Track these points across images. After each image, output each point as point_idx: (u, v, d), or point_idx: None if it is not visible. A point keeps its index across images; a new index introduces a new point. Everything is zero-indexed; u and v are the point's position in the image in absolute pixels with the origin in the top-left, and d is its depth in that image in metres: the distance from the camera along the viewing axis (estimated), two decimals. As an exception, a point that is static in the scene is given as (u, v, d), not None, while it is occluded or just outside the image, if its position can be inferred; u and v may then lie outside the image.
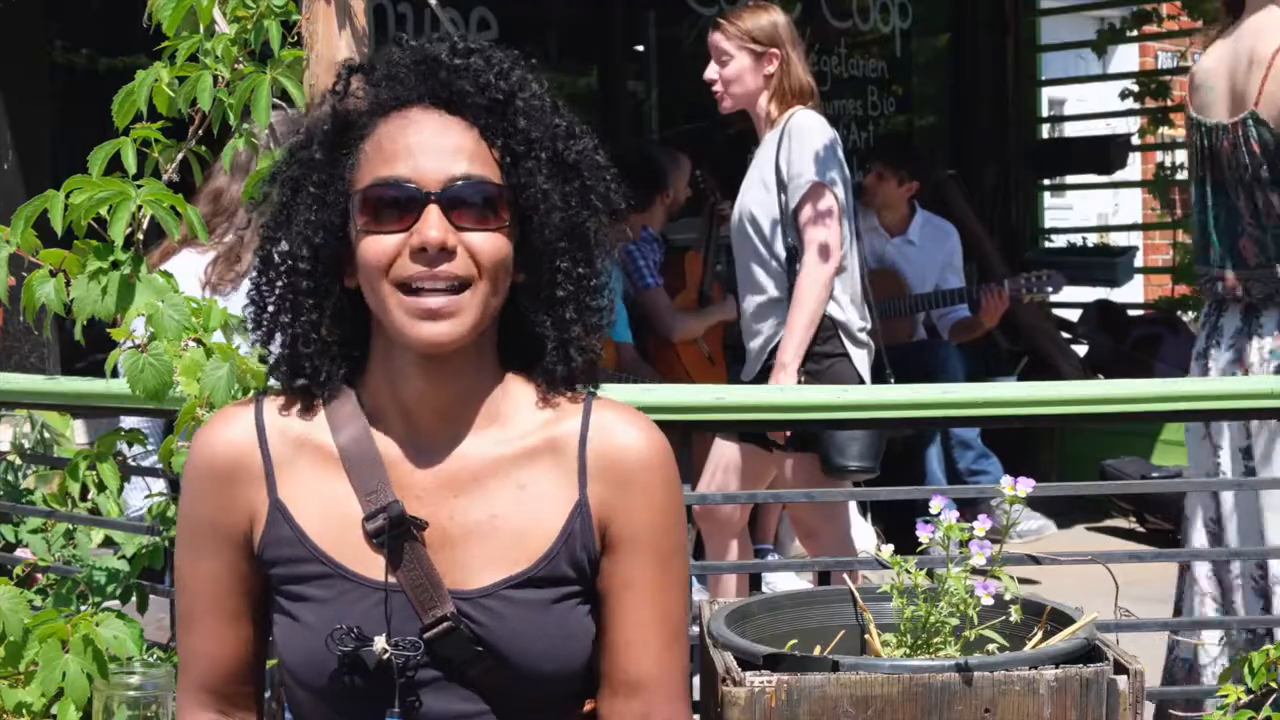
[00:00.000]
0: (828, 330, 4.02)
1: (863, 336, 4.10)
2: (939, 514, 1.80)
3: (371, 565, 1.63)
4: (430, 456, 1.66)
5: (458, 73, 1.64)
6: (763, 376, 4.08)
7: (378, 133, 1.64)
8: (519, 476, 1.66)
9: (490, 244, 1.60)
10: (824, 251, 3.96)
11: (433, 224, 1.57)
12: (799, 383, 3.92)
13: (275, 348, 1.70)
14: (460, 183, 1.60)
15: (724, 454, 4.17)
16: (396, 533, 1.62)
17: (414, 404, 1.65)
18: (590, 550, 1.66)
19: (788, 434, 3.98)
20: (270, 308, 1.69)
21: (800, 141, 3.99)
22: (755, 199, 4.10)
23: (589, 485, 1.66)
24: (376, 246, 1.59)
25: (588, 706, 1.72)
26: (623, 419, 1.69)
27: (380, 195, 1.60)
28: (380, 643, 1.60)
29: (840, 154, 4.06)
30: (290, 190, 1.68)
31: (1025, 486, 1.85)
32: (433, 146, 1.61)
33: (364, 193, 1.61)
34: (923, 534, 1.80)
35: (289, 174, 1.68)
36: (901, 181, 5.86)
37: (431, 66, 1.65)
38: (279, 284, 1.68)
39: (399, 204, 1.59)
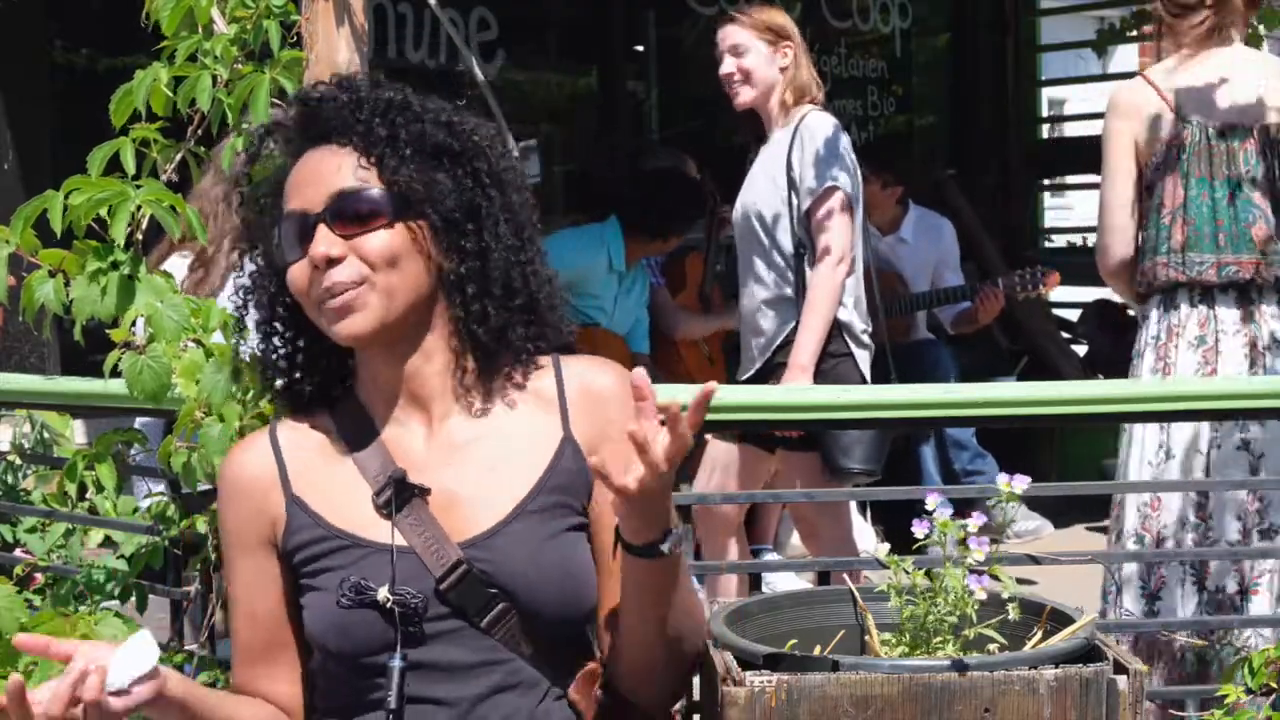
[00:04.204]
0: (832, 331, 4.01)
1: (865, 338, 4.10)
2: (934, 510, 1.80)
3: (383, 532, 1.76)
4: (422, 434, 1.81)
5: (319, 106, 1.80)
6: (762, 375, 4.08)
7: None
8: (506, 430, 1.80)
9: (376, 241, 1.73)
10: (837, 255, 3.95)
11: (319, 240, 1.73)
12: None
13: (258, 345, 1.87)
14: (338, 197, 1.74)
15: (719, 454, 4.16)
16: (404, 497, 1.75)
17: (388, 390, 1.81)
18: (585, 478, 1.79)
19: (799, 433, 3.97)
20: (255, 314, 1.85)
21: (814, 143, 3.98)
22: (762, 196, 4.08)
23: (572, 423, 1.81)
24: (296, 275, 1.76)
25: (592, 665, 1.79)
26: (593, 365, 1.86)
27: (286, 230, 1.77)
28: (383, 592, 1.70)
29: (852, 156, 4.05)
30: (255, 213, 1.84)
31: (1021, 484, 1.85)
32: (315, 175, 1.77)
33: (276, 231, 1.79)
34: (918, 530, 1.80)
35: (256, 197, 1.85)
36: (886, 185, 5.82)
37: (303, 113, 1.82)
38: (256, 295, 1.85)
39: (298, 233, 1.75)
